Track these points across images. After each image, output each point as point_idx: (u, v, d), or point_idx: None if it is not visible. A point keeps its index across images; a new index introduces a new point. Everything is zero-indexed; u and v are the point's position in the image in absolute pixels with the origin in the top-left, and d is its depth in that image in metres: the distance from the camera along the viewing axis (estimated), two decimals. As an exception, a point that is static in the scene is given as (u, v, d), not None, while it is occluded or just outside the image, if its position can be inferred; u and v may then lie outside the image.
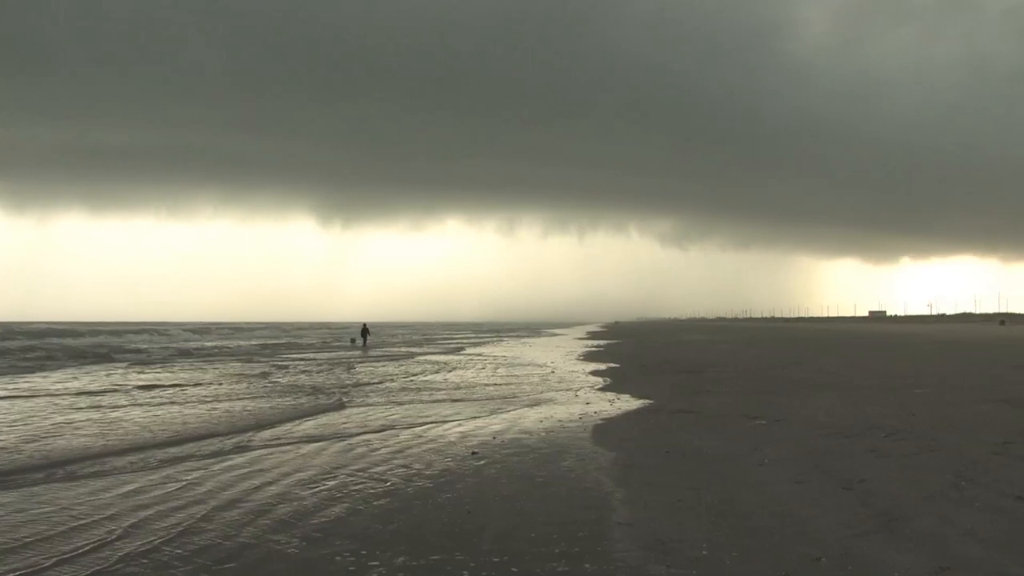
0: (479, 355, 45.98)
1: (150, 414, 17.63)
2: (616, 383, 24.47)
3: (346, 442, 13.65)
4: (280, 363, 38.22)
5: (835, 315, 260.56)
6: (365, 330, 67.54)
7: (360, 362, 39.35)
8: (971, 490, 9.01)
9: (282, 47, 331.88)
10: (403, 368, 34.22)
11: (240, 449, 13.06)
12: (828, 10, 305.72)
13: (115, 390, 23.18)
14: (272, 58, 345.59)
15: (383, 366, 35.73)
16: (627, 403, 18.97)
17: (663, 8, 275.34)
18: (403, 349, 57.03)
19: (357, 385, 24.95)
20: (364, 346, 61.54)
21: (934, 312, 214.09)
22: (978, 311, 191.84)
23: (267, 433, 14.84)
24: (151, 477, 10.69)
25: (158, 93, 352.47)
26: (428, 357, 44.23)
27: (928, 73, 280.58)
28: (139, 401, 20.21)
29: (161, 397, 21.23)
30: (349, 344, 64.80)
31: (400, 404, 19.43)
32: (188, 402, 20.08)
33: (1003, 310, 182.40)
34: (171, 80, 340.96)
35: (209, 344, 66.59)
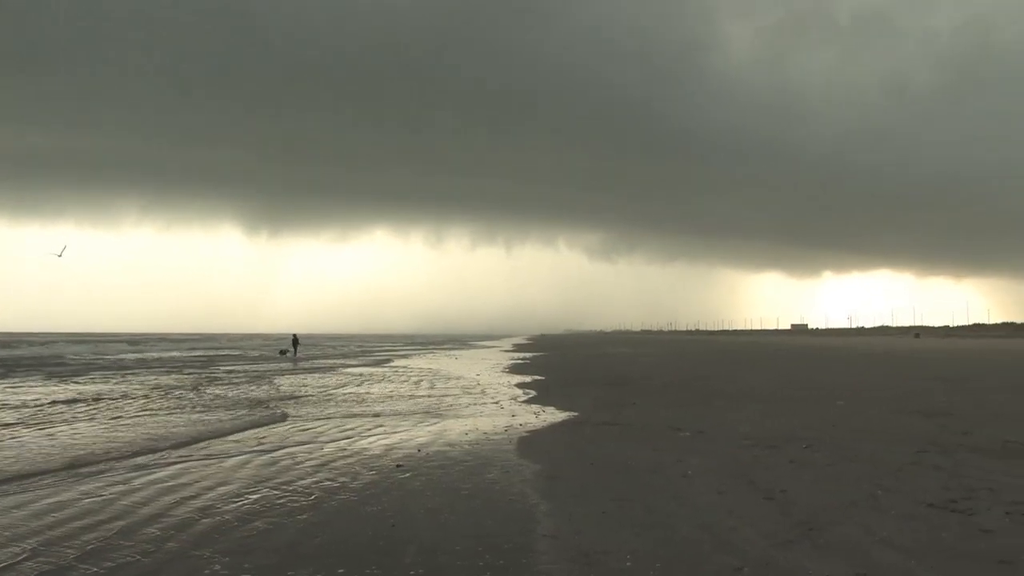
0: (406, 367, 45.71)
1: (70, 428, 17.17)
2: (541, 396, 24.53)
3: (270, 455, 13.46)
4: (209, 375, 37.50)
5: (758, 328, 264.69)
6: (295, 341, 68.86)
7: (288, 374, 38.86)
8: (887, 499, 9.21)
9: (208, 55, 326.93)
10: (330, 380, 33.86)
11: (161, 464, 12.77)
12: (753, 29, 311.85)
13: (37, 404, 22.56)
14: (198, 65, 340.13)
15: (310, 378, 35.31)
16: (552, 415, 19.03)
17: (596, 24, 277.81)
18: (331, 361, 56.58)
19: (283, 398, 24.61)
20: (294, 357, 61.65)
21: (853, 325, 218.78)
22: (895, 324, 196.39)
23: (191, 447, 14.58)
24: (67, 494, 10.38)
25: (78, 97, 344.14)
26: (355, 369, 43.85)
27: (849, 92, 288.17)
28: (59, 416, 19.68)
29: (81, 411, 20.70)
30: (279, 355, 64.60)
31: (325, 417, 19.22)
32: (108, 416, 19.60)
33: (917, 323, 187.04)
34: (93, 84, 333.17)
35: (139, 356, 65.30)
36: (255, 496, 10.13)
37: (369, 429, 16.90)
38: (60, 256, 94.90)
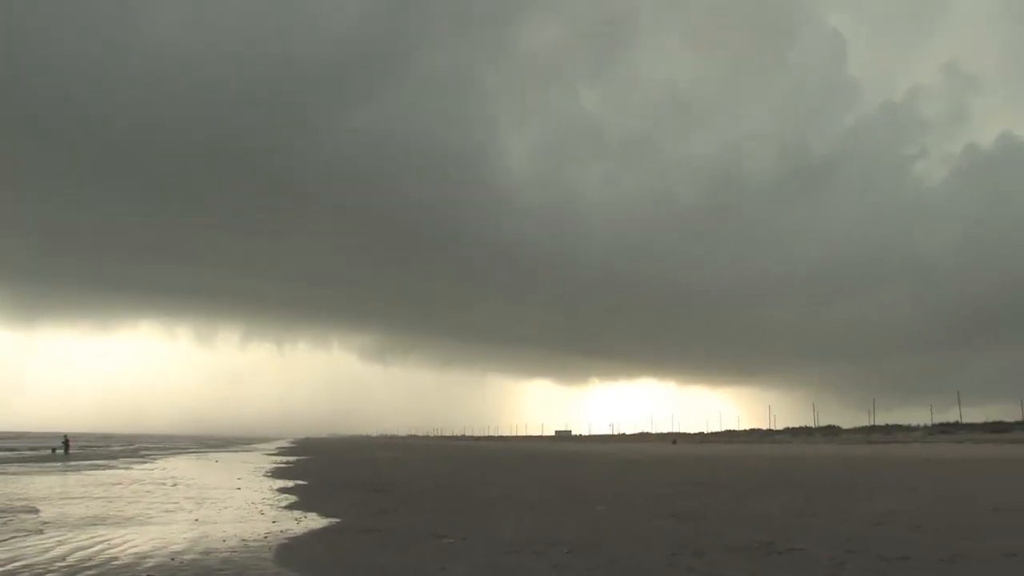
0: (166, 470, 43.60)
1: None
2: (303, 501, 23.88)
3: (2, 568, 12.45)
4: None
5: (524, 434, 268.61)
6: (66, 441, 70.64)
7: (44, 474, 36.43)
8: (643, 602, 9.50)
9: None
10: (86, 481, 31.97)
11: None
12: (531, 143, 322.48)
13: None
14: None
15: (66, 479, 33.18)
16: (314, 521, 18.54)
17: (377, 122, 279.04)
18: (92, 461, 53.93)
19: (26, 501, 22.93)
20: (65, 456, 61.52)
21: (616, 432, 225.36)
22: (654, 431, 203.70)
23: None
24: None
25: None
26: (114, 471, 41.32)
27: (619, 207, 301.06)
28: None
29: None
30: (51, 453, 65.60)
31: (74, 523, 17.92)
32: None
33: (676, 429, 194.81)
34: None
35: None
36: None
37: (120, 535, 15.82)
38: None
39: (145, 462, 54.41)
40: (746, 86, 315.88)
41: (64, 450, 68.03)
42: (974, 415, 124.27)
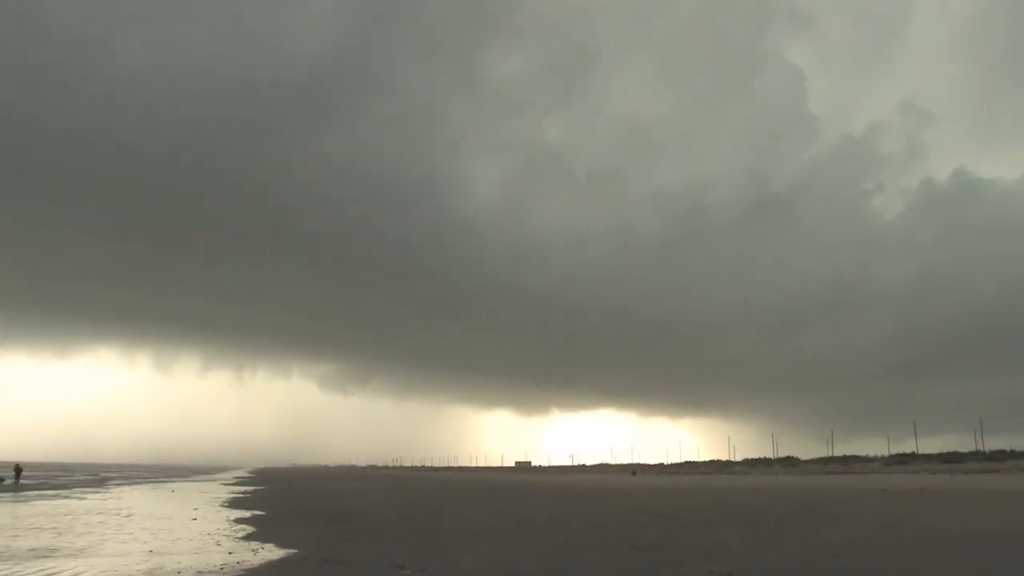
0: (121, 499, 43.02)
1: None
2: (261, 531, 23.60)
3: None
4: None
5: (484, 464, 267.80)
6: (17, 470, 69.45)
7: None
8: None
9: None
10: (33, 510, 31.49)
11: None
12: (495, 172, 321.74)
13: None
14: None
15: (12, 508, 32.73)
16: (271, 553, 18.32)
17: (341, 150, 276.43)
18: (47, 491, 52.86)
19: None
20: (15, 486, 60.13)
21: (575, 463, 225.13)
22: (614, 462, 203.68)
23: None
24: None
25: None
26: (69, 502, 40.66)
27: (582, 238, 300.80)
28: None
29: None
30: None
31: (21, 556, 17.59)
32: None
33: (636, 460, 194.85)
34: None
35: None
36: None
37: (71, 567, 15.56)
38: None
39: (100, 492, 53.67)
40: (709, 120, 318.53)
41: (15, 479, 66.76)
42: (930, 446, 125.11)
